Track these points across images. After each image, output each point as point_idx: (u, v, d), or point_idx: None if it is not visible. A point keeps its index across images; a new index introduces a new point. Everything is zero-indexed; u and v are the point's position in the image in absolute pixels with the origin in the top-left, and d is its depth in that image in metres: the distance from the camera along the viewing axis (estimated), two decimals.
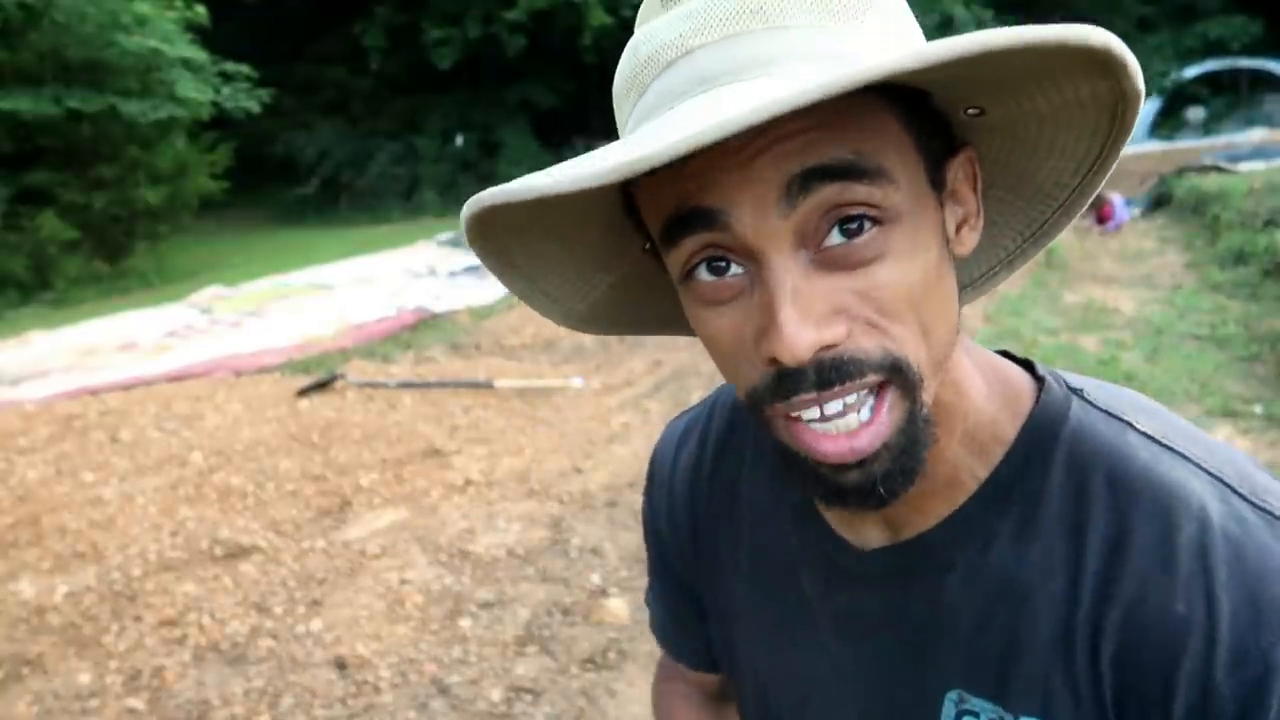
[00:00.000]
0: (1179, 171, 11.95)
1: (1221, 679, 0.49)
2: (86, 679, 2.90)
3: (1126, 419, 0.57)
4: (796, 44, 0.47)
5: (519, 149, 19.59)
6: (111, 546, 3.75)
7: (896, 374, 0.49)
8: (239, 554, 3.65)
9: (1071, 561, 0.54)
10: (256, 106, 14.59)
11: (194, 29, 13.52)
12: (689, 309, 0.52)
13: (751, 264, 0.48)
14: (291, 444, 4.82)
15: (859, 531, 0.63)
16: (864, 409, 0.49)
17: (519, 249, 0.56)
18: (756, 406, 0.51)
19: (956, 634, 0.59)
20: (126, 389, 6.16)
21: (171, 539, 3.80)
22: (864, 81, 0.39)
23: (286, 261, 12.10)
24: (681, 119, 0.45)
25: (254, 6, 18.59)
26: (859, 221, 0.47)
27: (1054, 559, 0.55)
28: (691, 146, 0.39)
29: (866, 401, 0.49)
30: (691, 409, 0.81)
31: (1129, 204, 10.60)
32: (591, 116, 19.28)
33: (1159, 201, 11.28)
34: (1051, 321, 6.29)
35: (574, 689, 2.73)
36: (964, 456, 0.58)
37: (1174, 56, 19.47)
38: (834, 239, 0.47)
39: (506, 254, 0.56)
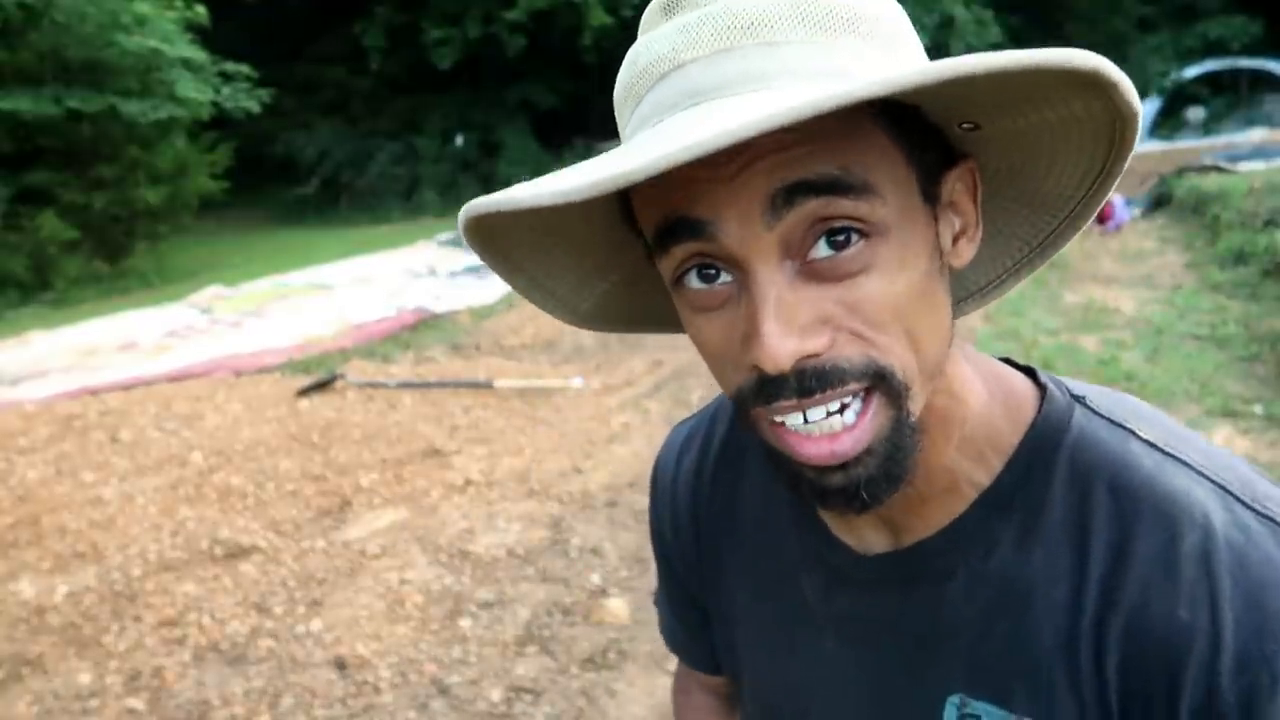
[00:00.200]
0: (1179, 171, 11.95)
1: (1226, 685, 0.49)
2: (86, 679, 2.90)
3: (1129, 426, 0.57)
4: (787, 60, 0.47)
5: (519, 149, 19.59)
6: (111, 546, 3.75)
7: (881, 382, 0.49)
8: (239, 554, 3.65)
9: (1075, 569, 0.54)
10: (256, 106, 14.59)
11: (194, 29, 13.52)
12: (681, 313, 0.54)
13: (739, 272, 0.49)
14: (291, 444, 4.82)
15: (860, 537, 0.63)
16: (848, 413, 0.50)
17: (521, 251, 0.57)
18: (742, 408, 0.52)
19: (958, 639, 0.59)
20: (126, 389, 6.16)
21: (171, 539, 3.80)
22: (834, 106, 0.39)
23: (286, 261, 12.11)
24: (669, 131, 0.45)
25: (254, 6, 18.59)
26: (845, 234, 0.47)
27: (1057, 566, 0.55)
28: (663, 167, 0.40)
29: (852, 406, 0.50)
30: (693, 416, 0.81)
31: (1129, 204, 10.61)
32: (591, 117, 19.28)
33: (1159, 201, 11.28)
34: (1051, 321, 6.29)
35: (574, 689, 2.73)
36: (963, 463, 0.58)
37: (1174, 56, 19.47)
38: (820, 251, 0.48)
39: (509, 256, 0.57)
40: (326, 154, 19.97)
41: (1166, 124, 18.98)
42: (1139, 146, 0.50)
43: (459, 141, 19.99)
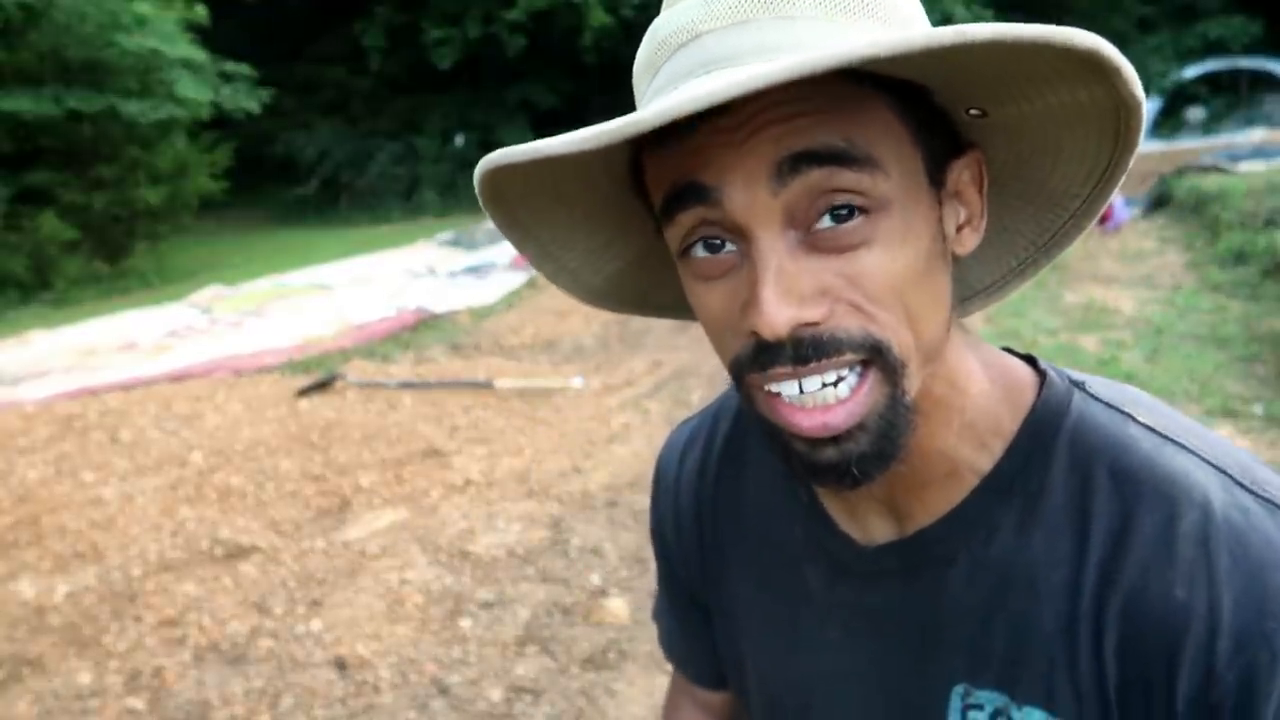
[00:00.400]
0: (1179, 171, 11.94)
1: (1224, 665, 0.49)
2: (86, 679, 2.90)
3: (1127, 411, 0.57)
4: (801, 34, 0.48)
5: None
6: (111, 546, 3.75)
7: (877, 355, 0.50)
8: (239, 554, 3.65)
9: (1075, 552, 0.55)
10: (256, 106, 14.59)
11: (194, 29, 13.52)
12: (685, 283, 0.54)
13: (743, 241, 0.50)
14: (291, 444, 4.82)
15: (863, 526, 0.64)
16: (843, 386, 0.50)
17: (534, 220, 0.58)
18: (738, 375, 0.53)
19: (961, 627, 0.59)
20: (126, 389, 6.16)
21: (171, 539, 3.80)
22: (833, 65, 0.40)
23: (286, 261, 12.11)
24: (678, 94, 0.46)
25: (254, 6, 18.59)
26: (847, 208, 0.48)
27: (1057, 550, 0.55)
28: (668, 118, 0.41)
29: (847, 380, 0.50)
30: (695, 416, 0.81)
31: (1129, 204, 10.60)
32: (591, 116, 19.06)
33: (1159, 201, 11.27)
34: (1051, 321, 6.29)
35: (574, 689, 2.73)
36: (962, 449, 0.58)
37: (1174, 56, 19.47)
38: (824, 223, 0.49)
39: (523, 225, 0.58)
40: (326, 154, 19.97)
41: (1166, 124, 18.98)
42: (1140, 147, 0.50)
43: (459, 141, 19.98)
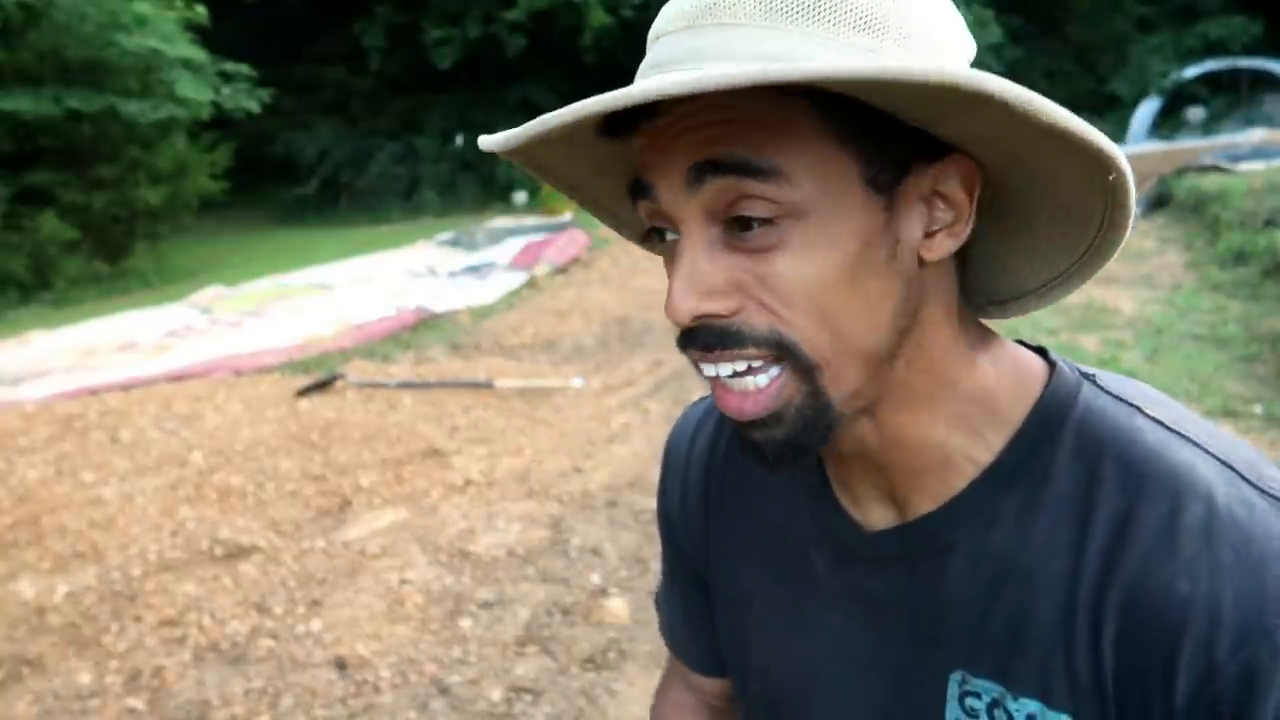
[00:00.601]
0: (1179, 171, 11.94)
1: (1224, 659, 0.49)
2: (86, 679, 2.90)
3: (1136, 404, 0.58)
4: (732, 42, 0.50)
5: None
6: (111, 546, 3.75)
7: (787, 354, 0.53)
8: (239, 554, 3.65)
9: (1076, 543, 0.55)
10: (256, 106, 14.58)
11: (194, 29, 13.51)
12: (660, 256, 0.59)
13: (678, 233, 0.54)
14: (291, 444, 4.82)
15: (867, 512, 0.64)
16: (761, 377, 0.54)
17: (575, 176, 0.63)
18: (679, 349, 0.57)
19: (960, 615, 0.59)
20: (126, 389, 6.16)
21: (171, 539, 3.80)
22: (707, 87, 0.43)
23: (286, 261, 12.10)
24: (590, 101, 0.51)
25: (254, 6, 18.58)
26: (751, 220, 0.51)
27: (1058, 540, 0.55)
28: (545, 131, 0.48)
29: (766, 372, 0.54)
30: (708, 396, 0.82)
31: None
32: None
33: (1159, 201, 11.27)
34: (1051, 321, 6.28)
35: (574, 689, 2.73)
36: (954, 438, 0.59)
37: (1174, 56, 19.46)
38: (734, 227, 0.52)
39: (555, 172, 0.62)
40: (326, 154, 19.96)
41: (1166, 124, 18.97)
42: (1140, 147, 0.50)
43: (459, 141, 19.97)
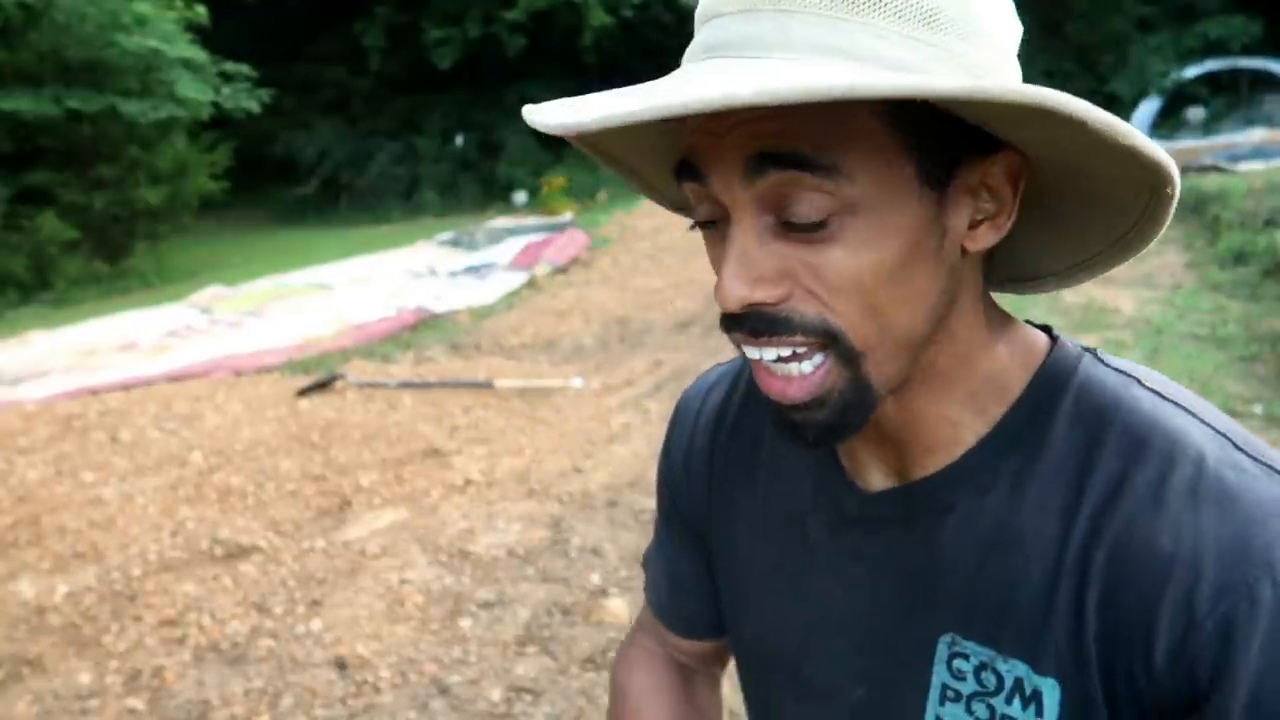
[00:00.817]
0: (1179, 171, 11.93)
1: (1203, 613, 0.49)
2: (86, 679, 2.90)
3: (1135, 376, 0.59)
4: (792, 31, 0.50)
5: (519, 149, 19.54)
6: (111, 546, 3.75)
7: (833, 341, 0.54)
8: (239, 554, 3.65)
9: (1068, 508, 0.56)
10: (256, 106, 14.58)
11: (194, 29, 13.51)
12: (703, 237, 0.60)
13: (726, 218, 0.55)
14: (291, 444, 4.82)
15: (868, 478, 0.65)
16: (805, 364, 0.55)
17: (612, 144, 0.65)
18: (723, 330, 0.58)
19: (952, 578, 0.60)
20: (126, 389, 6.16)
21: (171, 539, 3.80)
22: (783, 99, 0.43)
23: (286, 261, 12.10)
24: (672, 81, 0.52)
25: (254, 6, 18.58)
26: (804, 213, 0.51)
27: (1051, 504, 0.56)
28: (614, 124, 0.46)
29: (810, 358, 0.55)
30: (725, 363, 0.84)
31: None
32: None
33: None
34: (1051, 321, 6.20)
35: (574, 689, 2.73)
36: (965, 415, 0.60)
37: (1174, 56, 19.44)
38: (788, 218, 0.52)
39: (600, 147, 0.64)
40: (326, 154, 19.95)
41: (1166, 124, 18.95)
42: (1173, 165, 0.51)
43: (459, 141, 19.97)
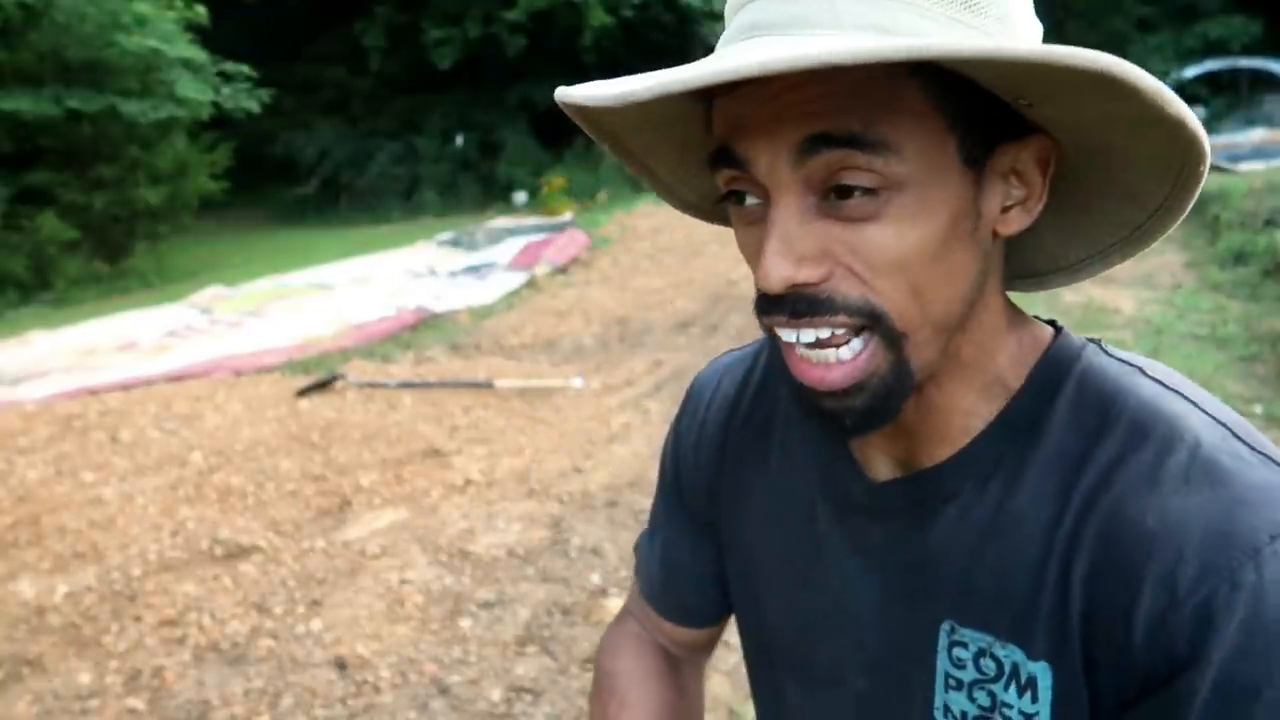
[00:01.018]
0: None
1: (1184, 594, 0.49)
2: (86, 679, 2.90)
3: (1137, 365, 0.59)
4: (840, 10, 0.50)
5: (519, 149, 19.55)
6: (111, 546, 3.75)
7: (875, 322, 0.53)
8: (239, 554, 3.65)
9: (1064, 491, 0.56)
10: (256, 106, 14.56)
11: (194, 29, 13.49)
12: (732, 220, 0.60)
13: (766, 198, 0.54)
14: (291, 444, 4.82)
15: (875, 467, 0.65)
16: (844, 349, 0.54)
17: (629, 137, 0.63)
18: (757, 314, 0.58)
19: (950, 566, 0.60)
20: (126, 389, 6.16)
21: (171, 539, 3.80)
22: (831, 62, 0.42)
23: (286, 261, 12.09)
24: (714, 59, 0.51)
25: (254, 6, 18.57)
26: (853, 190, 0.51)
27: (1047, 489, 0.56)
28: (661, 93, 0.46)
29: (850, 344, 0.54)
30: (739, 348, 0.84)
31: None
32: None
33: None
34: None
35: (574, 689, 2.73)
36: (980, 406, 0.60)
37: (1174, 56, 19.44)
38: (835, 195, 0.52)
39: (617, 140, 0.63)
40: (326, 154, 19.93)
41: None
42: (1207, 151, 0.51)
43: (459, 141, 19.96)
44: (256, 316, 8.73)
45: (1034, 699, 0.55)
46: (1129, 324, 6.15)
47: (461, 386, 5.63)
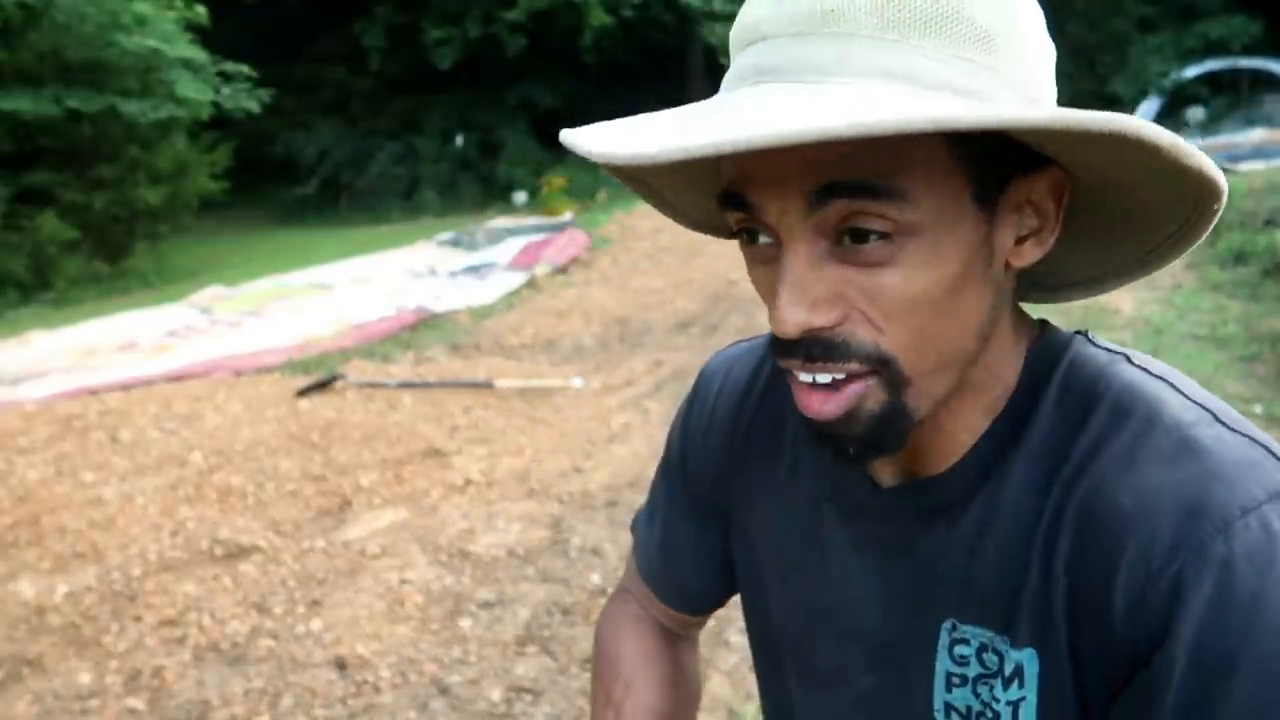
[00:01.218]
0: None
1: (1156, 570, 0.49)
2: (86, 679, 2.90)
3: (1122, 353, 0.60)
4: (850, 56, 0.49)
5: (519, 149, 19.55)
6: (111, 546, 3.75)
7: (884, 367, 0.54)
8: (239, 554, 3.65)
9: (1048, 479, 0.56)
10: (256, 106, 14.56)
11: (194, 29, 13.49)
12: (744, 256, 0.59)
13: (777, 240, 0.54)
14: (291, 444, 4.82)
15: (879, 475, 0.66)
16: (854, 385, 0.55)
17: (633, 169, 0.63)
18: (772, 356, 0.58)
19: (949, 565, 0.61)
20: (126, 389, 6.16)
21: (171, 539, 3.80)
22: (846, 135, 0.42)
23: (286, 261, 12.09)
24: (723, 107, 0.51)
25: (254, 6, 18.57)
26: (867, 235, 0.51)
27: (1035, 481, 0.57)
28: (680, 158, 0.45)
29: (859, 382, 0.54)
30: (749, 339, 0.84)
31: None
32: (592, 116, 19.06)
33: None
34: (1052, 320, 6.28)
35: (574, 689, 2.73)
36: (984, 418, 0.61)
37: (1174, 56, 19.44)
38: (847, 240, 0.52)
39: (620, 170, 0.62)
40: (326, 154, 19.93)
41: (1166, 124, 18.93)
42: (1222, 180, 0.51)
43: (459, 141, 19.96)
44: (256, 316, 8.73)
45: (1020, 685, 0.56)
46: (1129, 324, 6.15)
47: (461, 386, 5.63)
